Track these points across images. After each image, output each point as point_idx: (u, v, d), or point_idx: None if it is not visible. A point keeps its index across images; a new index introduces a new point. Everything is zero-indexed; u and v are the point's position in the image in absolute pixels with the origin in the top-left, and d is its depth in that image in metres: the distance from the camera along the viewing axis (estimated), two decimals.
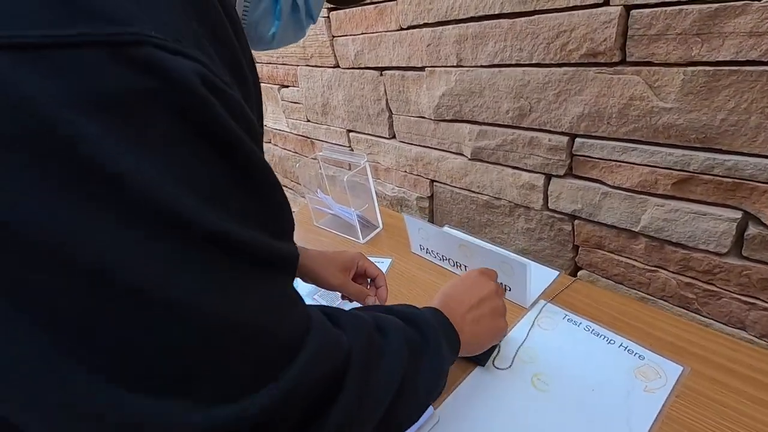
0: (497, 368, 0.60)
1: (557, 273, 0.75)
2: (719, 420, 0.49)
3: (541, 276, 0.75)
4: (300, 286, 0.83)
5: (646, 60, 0.59)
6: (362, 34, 0.98)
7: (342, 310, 0.38)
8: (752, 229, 0.59)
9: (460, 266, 0.78)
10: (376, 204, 0.95)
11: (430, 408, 0.56)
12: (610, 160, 0.69)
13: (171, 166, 0.20)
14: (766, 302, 0.61)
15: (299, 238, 1.00)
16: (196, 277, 0.21)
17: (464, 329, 0.50)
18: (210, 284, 0.21)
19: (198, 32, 0.22)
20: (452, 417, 0.55)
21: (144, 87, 0.19)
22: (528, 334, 0.65)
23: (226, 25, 0.24)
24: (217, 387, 0.22)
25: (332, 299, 0.80)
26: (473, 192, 0.95)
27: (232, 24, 0.25)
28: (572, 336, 0.63)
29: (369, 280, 0.68)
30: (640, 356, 0.58)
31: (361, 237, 0.94)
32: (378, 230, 0.98)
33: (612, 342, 0.61)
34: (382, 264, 0.86)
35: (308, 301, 0.42)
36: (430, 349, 0.42)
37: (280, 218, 0.28)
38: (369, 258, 0.68)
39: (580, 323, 0.65)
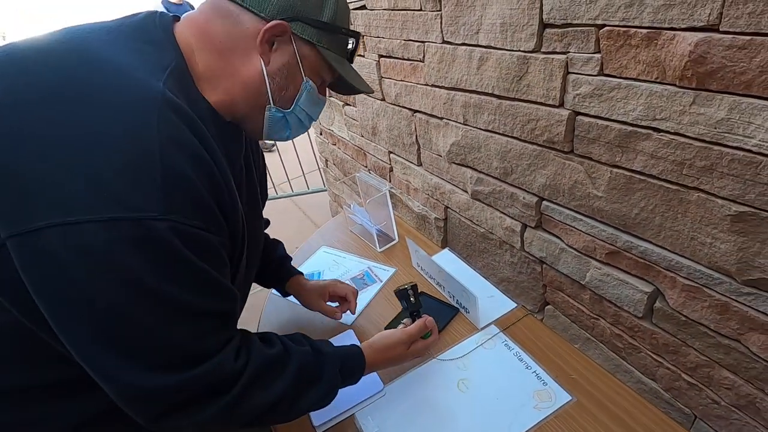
0: (441, 360, 0.82)
1: (514, 306, 0.93)
2: None
3: (503, 304, 0.94)
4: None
5: (587, 155, 0.73)
6: (401, 81, 1.19)
7: (273, 339, 0.63)
8: (659, 303, 0.71)
9: (441, 286, 0.99)
10: (393, 223, 1.18)
11: (381, 383, 0.80)
12: (565, 223, 0.84)
13: (171, 278, 0.46)
14: (669, 363, 0.74)
15: (336, 240, 1.28)
16: (182, 322, 0.49)
17: (374, 368, 0.74)
18: (178, 323, 0.48)
19: (186, 207, 0.45)
20: (397, 393, 0.79)
21: (148, 237, 0.42)
22: (470, 350, 0.85)
23: (211, 203, 0.49)
24: (159, 362, 0.48)
25: None
26: (474, 224, 1.13)
27: (217, 197, 0.50)
28: (502, 356, 0.82)
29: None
30: (544, 382, 0.76)
31: (378, 246, 1.19)
32: (393, 243, 1.21)
33: (529, 367, 0.79)
34: (387, 272, 1.09)
35: None
36: (323, 379, 0.63)
37: (227, 304, 0.54)
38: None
39: (513, 349, 0.83)
